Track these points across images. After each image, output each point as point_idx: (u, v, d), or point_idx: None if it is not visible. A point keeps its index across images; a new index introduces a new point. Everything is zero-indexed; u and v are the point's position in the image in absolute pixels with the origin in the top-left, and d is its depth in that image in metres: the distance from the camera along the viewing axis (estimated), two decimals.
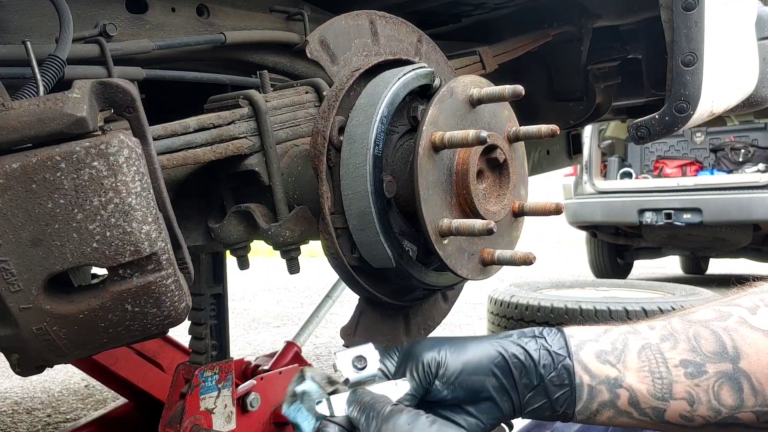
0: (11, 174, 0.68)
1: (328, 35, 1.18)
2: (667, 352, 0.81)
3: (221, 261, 1.83)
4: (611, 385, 0.80)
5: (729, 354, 0.80)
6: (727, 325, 0.83)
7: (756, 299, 0.86)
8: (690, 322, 0.84)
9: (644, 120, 1.52)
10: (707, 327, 0.83)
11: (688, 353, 0.80)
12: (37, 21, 1.07)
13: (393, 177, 1.06)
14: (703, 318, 0.84)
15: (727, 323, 0.83)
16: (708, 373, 0.80)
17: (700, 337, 0.82)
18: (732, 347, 0.81)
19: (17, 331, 0.73)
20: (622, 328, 0.84)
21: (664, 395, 0.79)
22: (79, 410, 3.08)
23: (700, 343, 0.81)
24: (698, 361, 0.80)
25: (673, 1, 1.43)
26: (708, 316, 0.84)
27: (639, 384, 0.80)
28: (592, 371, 0.80)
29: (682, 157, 7.70)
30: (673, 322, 0.84)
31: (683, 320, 0.84)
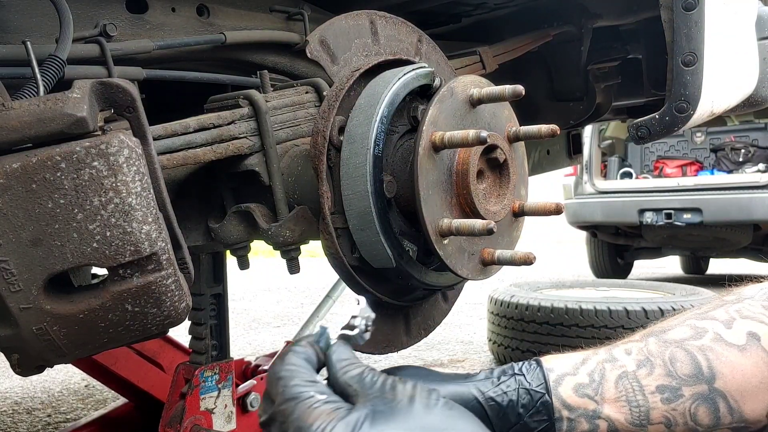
0: (11, 174, 0.68)
1: (328, 35, 1.18)
2: (644, 378, 0.82)
3: (221, 261, 1.83)
4: (590, 417, 0.81)
5: (704, 375, 0.82)
6: (702, 344, 0.84)
7: (732, 311, 0.87)
8: (666, 343, 0.85)
9: (644, 120, 1.52)
10: (682, 347, 0.84)
11: (664, 378, 0.82)
12: (37, 21, 1.08)
13: (393, 177, 1.06)
14: (678, 337, 0.85)
15: (702, 341, 0.84)
16: (684, 396, 0.81)
17: (675, 360, 0.83)
18: (707, 368, 0.82)
19: (17, 331, 0.73)
20: (600, 355, 0.85)
21: (642, 422, 0.81)
22: (80, 410, 3.08)
23: (675, 366, 0.82)
24: (674, 386, 0.81)
25: (674, 1, 1.43)
26: (683, 334, 0.85)
27: (617, 414, 0.81)
28: (571, 405, 0.81)
29: (683, 157, 7.70)
30: (650, 343, 0.85)
31: (659, 341, 0.85)
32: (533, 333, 3.47)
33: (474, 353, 4.13)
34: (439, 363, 3.93)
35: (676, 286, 4.09)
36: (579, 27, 1.97)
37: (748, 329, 0.85)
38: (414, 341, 1.24)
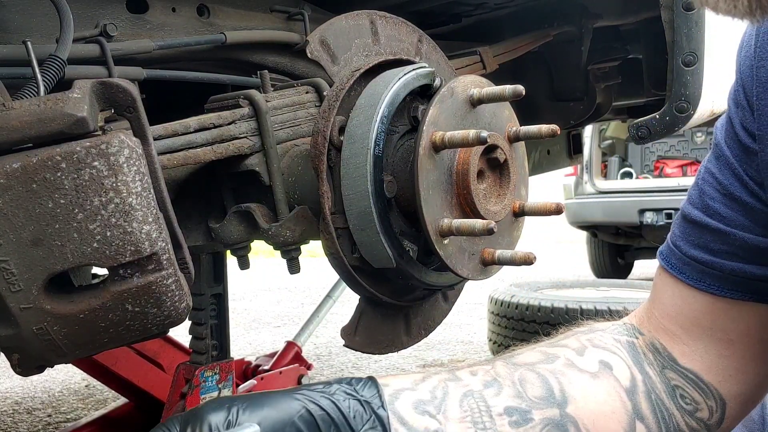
0: (12, 174, 0.68)
1: (329, 35, 1.18)
2: (491, 398, 0.75)
3: (221, 261, 1.83)
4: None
5: (556, 398, 0.77)
6: (554, 368, 0.79)
7: (583, 339, 0.85)
8: (515, 366, 0.80)
9: (645, 120, 1.52)
10: (533, 370, 0.79)
11: (513, 399, 0.76)
12: (37, 21, 1.08)
13: (393, 177, 1.06)
14: (528, 361, 0.81)
15: (554, 365, 0.80)
16: (534, 420, 0.75)
17: (525, 381, 0.77)
18: (559, 391, 0.77)
19: (18, 331, 0.73)
20: (442, 375, 0.78)
21: None
22: (80, 410, 3.09)
23: (525, 387, 0.77)
24: (524, 408, 0.75)
25: (674, 1, 1.43)
26: (534, 358, 0.81)
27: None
28: (409, 423, 0.72)
29: (683, 157, 7.70)
30: (497, 366, 0.80)
31: (507, 364, 0.80)
32: (533, 333, 3.47)
33: (474, 353, 4.13)
34: (439, 363, 3.93)
35: None
36: (579, 27, 1.97)
37: (600, 358, 0.82)
38: (414, 341, 1.24)
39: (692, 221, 0.83)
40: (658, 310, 0.86)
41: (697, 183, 0.85)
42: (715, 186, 0.82)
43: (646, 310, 0.89)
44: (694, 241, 0.83)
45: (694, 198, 0.84)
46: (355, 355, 3.87)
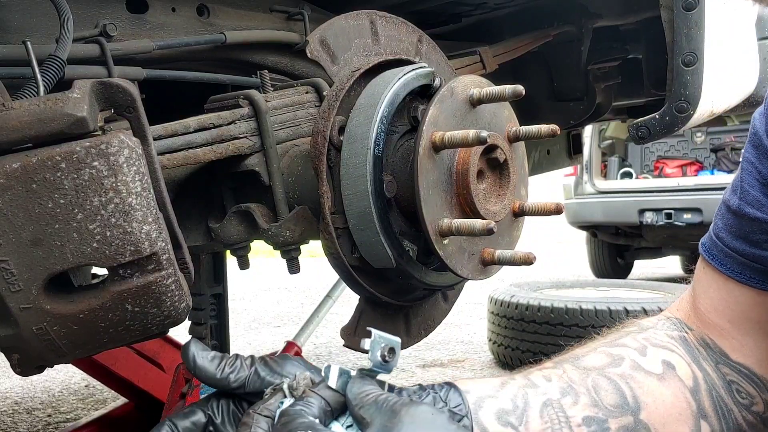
0: (12, 174, 0.68)
1: (329, 35, 1.18)
2: (569, 408, 0.76)
3: (221, 261, 1.83)
4: None
5: (630, 406, 0.78)
6: (623, 372, 0.80)
7: (640, 338, 0.85)
8: (586, 370, 0.80)
9: (644, 120, 1.52)
10: (604, 375, 0.79)
11: (590, 409, 0.76)
12: (37, 21, 1.07)
13: (393, 177, 1.06)
14: (597, 364, 0.81)
15: (622, 369, 0.80)
16: (611, 429, 0.76)
17: (599, 389, 0.78)
18: (632, 397, 0.78)
19: (17, 331, 0.73)
20: (519, 380, 0.78)
21: None
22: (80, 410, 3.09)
23: (600, 395, 0.77)
24: (601, 417, 0.76)
25: (674, 1, 1.43)
26: (601, 361, 0.81)
27: None
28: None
29: (683, 157, 7.70)
30: (568, 370, 0.80)
31: (577, 368, 0.80)
32: (533, 333, 3.47)
33: (474, 353, 4.13)
34: (439, 363, 3.93)
35: (676, 286, 4.09)
36: (579, 27, 1.97)
37: (662, 357, 0.82)
38: (414, 341, 1.24)
39: (733, 211, 0.83)
40: (704, 305, 0.86)
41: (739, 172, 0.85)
42: (755, 175, 0.82)
43: (691, 304, 0.89)
44: (735, 232, 0.83)
45: (735, 187, 0.85)
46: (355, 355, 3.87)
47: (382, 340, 0.66)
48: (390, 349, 0.66)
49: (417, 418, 0.56)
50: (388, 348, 0.66)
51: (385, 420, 0.58)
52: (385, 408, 0.59)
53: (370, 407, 0.60)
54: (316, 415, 0.61)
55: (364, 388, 0.63)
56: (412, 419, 0.56)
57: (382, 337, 0.66)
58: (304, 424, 0.58)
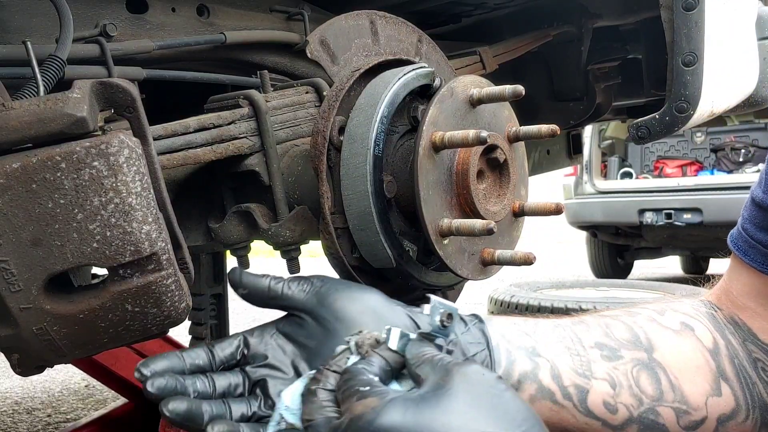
0: (11, 174, 0.68)
1: (329, 35, 1.18)
2: (581, 333, 0.80)
3: (221, 261, 1.83)
4: (530, 353, 0.77)
5: (642, 343, 0.80)
6: (636, 320, 0.83)
7: (663, 305, 0.87)
8: (600, 316, 0.84)
9: (644, 120, 1.52)
10: (617, 319, 0.83)
11: (602, 337, 0.80)
12: (37, 21, 1.08)
13: (393, 177, 1.06)
14: (612, 314, 0.85)
15: (636, 319, 0.83)
16: (624, 358, 0.78)
17: (612, 326, 0.81)
18: (645, 338, 0.81)
19: (17, 331, 0.73)
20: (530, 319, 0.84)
21: (585, 372, 0.77)
22: (80, 410, 3.09)
23: (612, 330, 0.81)
24: (613, 346, 0.79)
25: (674, 1, 1.43)
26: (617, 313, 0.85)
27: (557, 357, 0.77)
28: (508, 337, 0.78)
29: (683, 157, 7.70)
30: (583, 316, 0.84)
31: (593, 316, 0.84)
32: None
33: None
34: None
35: (676, 286, 4.09)
36: (579, 27, 1.97)
37: (681, 320, 0.85)
38: None
39: (757, 203, 0.84)
40: (736, 289, 0.88)
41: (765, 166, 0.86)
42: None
43: (723, 289, 0.91)
44: (759, 224, 0.84)
45: (761, 180, 0.86)
46: None
47: (441, 306, 0.69)
48: (448, 315, 0.69)
49: (468, 377, 0.60)
50: (447, 314, 0.69)
51: (438, 378, 0.61)
52: (440, 366, 0.62)
53: (425, 366, 0.63)
54: (377, 374, 0.64)
55: (422, 349, 0.66)
56: (463, 377, 0.59)
57: (441, 303, 0.69)
58: (363, 381, 0.61)
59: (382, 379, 0.65)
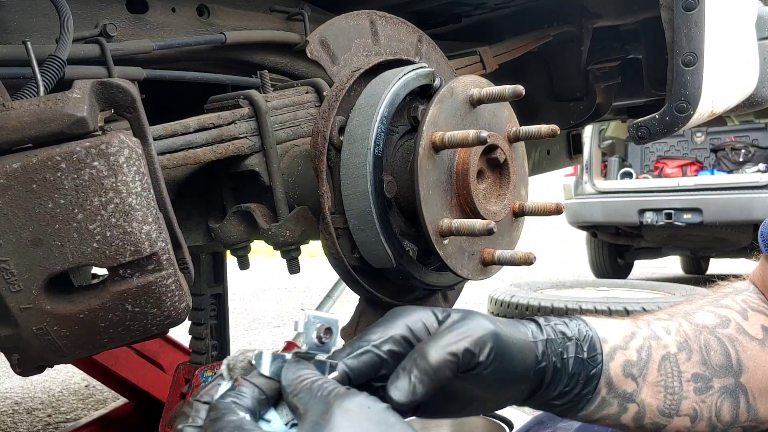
0: (12, 174, 0.68)
1: (329, 35, 1.18)
2: (683, 364, 0.80)
3: (221, 261, 1.83)
4: (624, 399, 0.77)
5: (733, 368, 0.81)
6: (730, 334, 0.84)
7: (739, 301, 0.88)
8: (698, 328, 0.84)
9: (644, 120, 1.52)
10: (714, 335, 0.83)
11: (699, 366, 0.81)
12: (37, 21, 1.07)
13: (393, 177, 1.06)
14: (708, 323, 0.84)
15: (729, 331, 0.84)
16: (714, 389, 0.80)
17: (710, 348, 0.82)
18: (736, 360, 0.82)
19: (18, 331, 0.73)
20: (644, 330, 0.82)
21: (671, 412, 0.79)
22: (80, 410, 3.08)
23: (710, 354, 0.81)
24: (707, 376, 0.80)
25: (674, 1, 1.43)
26: (710, 321, 0.85)
27: (651, 399, 0.78)
28: (613, 385, 0.77)
29: (683, 157, 7.69)
30: (684, 325, 0.84)
31: (691, 324, 0.84)
32: None
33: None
34: None
35: (676, 286, 4.09)
36: (579, 27, 1.97)
37: (762, 323, 0.86)
38: None
39: None
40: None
41: None
42: None
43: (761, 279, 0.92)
44: None
45: None
46: None
47: (317, 320, 0.61)
48: (326, 329, 0.61)
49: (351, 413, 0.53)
50: (325, 328, 0.61)
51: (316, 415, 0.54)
52: (319, 398, 0.55)
53: (303, 395, 0.56)
54: (248, 407, 0.57)
55: (299, 372, 0.58)
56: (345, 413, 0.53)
57: (316, 318, 0.61)
58: (232, 423, 0.54)
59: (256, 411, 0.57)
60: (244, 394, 0.57)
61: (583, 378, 0.75)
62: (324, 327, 0.61)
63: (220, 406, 0.56)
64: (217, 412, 0.55)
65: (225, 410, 0.55)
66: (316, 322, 0.61)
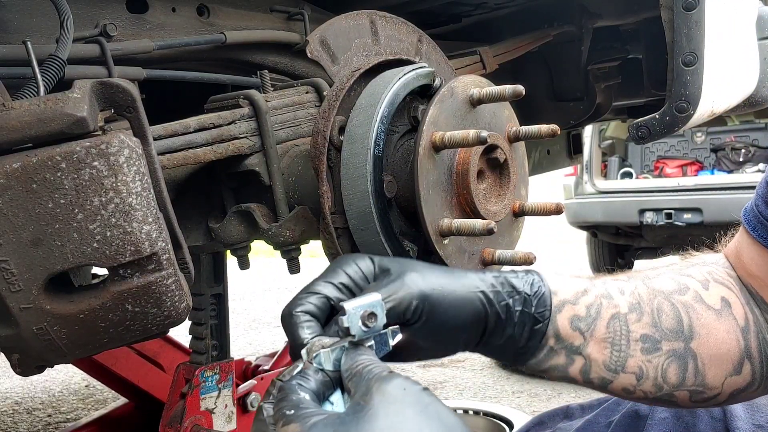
0: (12, 174, 0.68)
1: (329, 35, 1.18)
2: (632, 324, 0.83)
3: (221, 261, 1.83)
4: (571, 351, 0.81)
5: (684, 333, 0.84)
6: (685, 301, 0.86)
7: (705, 273, 0.91)
8: (654, 291, 0.86)
9: (645, 120, 1.52)
10: (669, 300, 0.85)
11: (649, 328, 0.83)
12: (37, 21, 1.08)
13: (393, 177, 1.06)
14: (664, 288, 0.87)
15: (685, 297, 0.86)
16: (661, 351, 0.83)
17: (662, 312, 0.84)
18: (688, 325, 0.84)
19: (18, 331, 0.73)
20: (598, 287, 0.85)
21: (617, 368, 0.82)
22: (80, 410, 3.08)
23: (661, 318, 0.84)
24: (656, 338, 0.83)
25: (674, 1, 1.43)
26: (668, 286, 0.87)
27: (597, 354, 0.82)
28: (561, 336, 0.80)
29: (683, 157, 7.69)
30: (639, 287, 0.86)
31: (647, 287, 0.86)
32: None
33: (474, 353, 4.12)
34: (439, 363, 3.93)
35: None
36: (579, 27, 1.97)
37: (721, 294, 0.88)
38: None
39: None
40: (746, 257, 0.91)
41: None
42: None
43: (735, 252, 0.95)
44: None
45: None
46: None
47: (359, 309, 0.66)
48: (369, 314, 0.67)
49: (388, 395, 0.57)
50: (368, 314, 0.67)
51: (358, 397, 0.59)
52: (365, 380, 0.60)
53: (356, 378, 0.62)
54: (312, 389, 0.63)
55: (355, 358, 0.64)
56: (383, 396, 0.57)
57: (356, 307, 0.66)
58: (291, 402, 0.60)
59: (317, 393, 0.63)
60: (309, 377, 0.63)
61: (528, 329, 0.78)
62: (367, 313, 0.67)
63: (286, 387, 0.62)
64: (283, 393, 0.62)
65: (289, 391, 0.62)
66: (358, 311, 0.67)
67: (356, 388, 0.61)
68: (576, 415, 1.24)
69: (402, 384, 0.58)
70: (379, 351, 0.69)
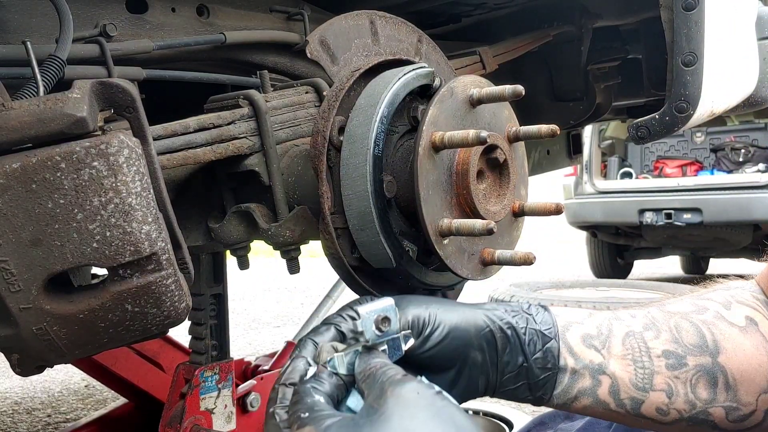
0: (11, 174, 0.68)
1: (328, 35, 1.18)
2: (651, 341, 0.81)
3: (221, 261, 1.83)
4: (594, 371, 0.79)
5: (709, 348, 0.82)
6: (705, 319, 0.84)
7: (727, 296, 0.89)
8: (669, 313, 0.84)
9: (644, 120, 1.52)
10: (687, 319, 0.83)
11: (670, 344, 0.81)
12: (37, 21, 1.08)
13: (393, 177, 1.06)
14: (681, 310, 0.85)
15: (705, 317, 0.84)
16: (688, 366, 0.80)
17: (681, 329, 0.82)
18: (712, 341, 0.82)
19: (17, 331, 0.73)
20: (606, 314, 0.84)
21: (645, 386, 0.80)
22: (80, 410, 3.09)
23: (681, 334, 0.82)
24: (680, 353, 0.81)
25: (674, 1, 1.43)
26: (686, 308, 0.85)
27: (622, 372, 0.79)
28: (577, 354, 0.79)
29: (683, 157, 7.70)
30: (653, 311, 0.84)
31: (662, 311, 0.85)
32: None
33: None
34: None
35: (676, 286, 4.09)
36: (579, 27, 1.97)
37: (746, 313, 0.86)
38: None
39: None
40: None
41: None
42: None
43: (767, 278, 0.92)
44: None
45: None
46: None
47: (372, 314, 0.67)
48: (383, 318, 0.67)
49: (402, 398, 0.56)
50: (382, 318, 0.67)
51: (372, 400, 0.59)
52: (379, 383, 0.60)
53: (370, 381, 0.62)
54: (327, 392, 0.63)
55: (369, 362, 0.65)
56: (396, 399, 0.56)
57: (370, 312, 0.67)
58: (306, 405, 0.60)
59: (335, 396, 0.64)
60: (323, 380, 0.65)
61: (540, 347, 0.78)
62: (380, 317, 0.68)
63: (301, 390, 0.64)
64: (297, 396, 0.63)
65: (304, 394, 0.62)
66: (371, 315, 0.67)
67: (370, 391, 0.61)
68: (577, 416, 1.23)
69: (416, 387, 0.57)
70: (392, 355, 0.69)
